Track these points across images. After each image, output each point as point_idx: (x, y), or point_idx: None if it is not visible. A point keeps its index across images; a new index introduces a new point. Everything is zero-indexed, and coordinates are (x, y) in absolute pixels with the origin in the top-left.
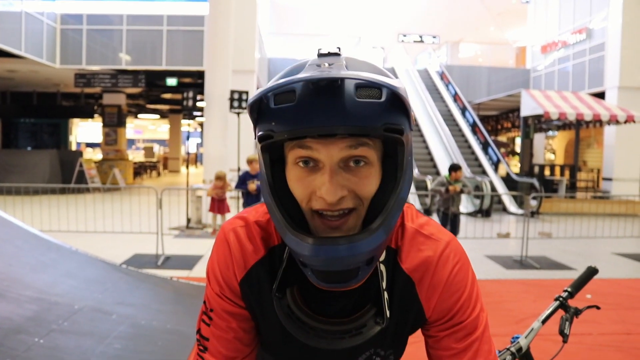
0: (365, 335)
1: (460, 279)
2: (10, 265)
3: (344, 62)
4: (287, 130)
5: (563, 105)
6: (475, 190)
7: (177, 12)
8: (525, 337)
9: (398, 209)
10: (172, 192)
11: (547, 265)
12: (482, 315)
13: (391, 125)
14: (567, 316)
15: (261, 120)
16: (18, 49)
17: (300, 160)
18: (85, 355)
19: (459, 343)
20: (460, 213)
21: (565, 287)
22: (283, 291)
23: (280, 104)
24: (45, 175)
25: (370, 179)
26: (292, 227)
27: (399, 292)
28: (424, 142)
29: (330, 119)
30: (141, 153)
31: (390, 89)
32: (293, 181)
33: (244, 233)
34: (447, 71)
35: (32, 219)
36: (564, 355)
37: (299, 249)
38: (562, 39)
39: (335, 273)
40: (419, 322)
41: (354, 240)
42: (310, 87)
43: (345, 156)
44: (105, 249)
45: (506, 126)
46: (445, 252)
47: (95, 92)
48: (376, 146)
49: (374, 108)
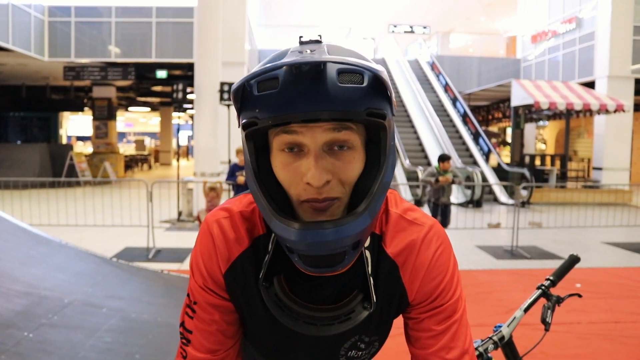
0: (354, 321)
1: (442, 262)
2: None
3: (325, 48)
4: (271, 116)
5: (553, 95)
6: (466, 181)
7: (166, 3)
8: (507, 326)
9: (382, 193)
10: (163, 185)
11: (538, 255)
12: (461, 300)
13: (374, 110)
14: (549, 304)
15: (245, 108)
16: (5, 41)
17: (286, 146)
18: (75, 349)
19: (439, 325)
20: (451, 203)
21: (541, 281)
22: (270, 280)
23: (264, 91)
24: (35, 169)
25: (353, 164)
26: (278, 213)
27: (384, 277)
28: (415, 132)
29: (314, 104)
30: (132, 146)
31: (373, 73)
32: (279, 167)
33: (228, 224)
34: (437, 62)
35: (22, 213)
36: (553, 344)
37: (286, 235)
38: (552, 28)
39: (321, 258)
40: (403, 305)
41: (339, 224)
42: (293, 72)
43: (329, 139)
44: (96, 243)
45: (497, 116)
46: (428, 235)
47: (84, 85)
48: (359, 131)
49: (356, 93)
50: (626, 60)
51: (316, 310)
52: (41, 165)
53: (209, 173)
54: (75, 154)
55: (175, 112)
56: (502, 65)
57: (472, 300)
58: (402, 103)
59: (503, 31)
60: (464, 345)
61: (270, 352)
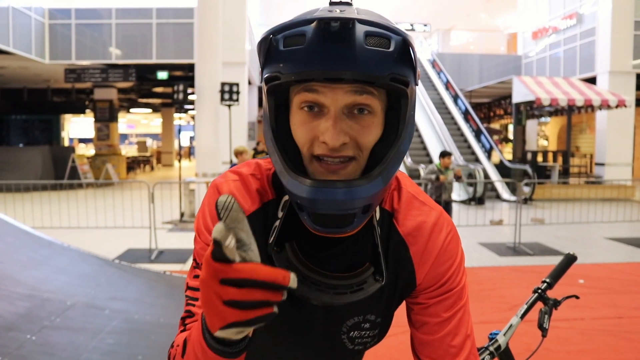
0: (366, 291)
1: (452, 247)
2: (1, 263)
3: (355, 10)
4: (294, 72)
5: (554, 91)
6: (468, 178)
7: (167, 4)
8: (503, 335)
9: (397, 161)
10: (165, 186)
11: (541, 251)
12: (466, 286)
13: (397, 76)
14: (545, 309)
15: (268, 63)
16: (6, 45)
17: (306, 105)
18: (78, 351)
19: (447, 311)
20: (453, 201)
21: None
22: (281, 246)
23: (289, 47)
24: (37, 171)
25: (372, 128)
26: (291, 169)
27: (393, 255)
28: (416, 130)
29: (338, 64)
30: (134, 148)
31: (401, 37)
32: (297, 125)
33: (239, 186)
34: (438, 59)
35: (24, 216)
36: (557, 340)
37: (297, 191)
38: (553, 24)
39: (331, 217)
40: (409, 288)
41: (352, 185)
42: (322, 27)
43: (350, 102)
44: (98, 245)
45: (499, 113)
46: (439, 220)
47: (86, 87)
48: (381, 97)
49: (382, 56)
50: (627, 55)
51: (330, 278)
52: (43, 168)
53: (210, 173)
54: (77, 156)
55: (176, 113)
56: (503, 62)
57: (474, 297)
58: None
59: (504, 28)
60: (467, 331)
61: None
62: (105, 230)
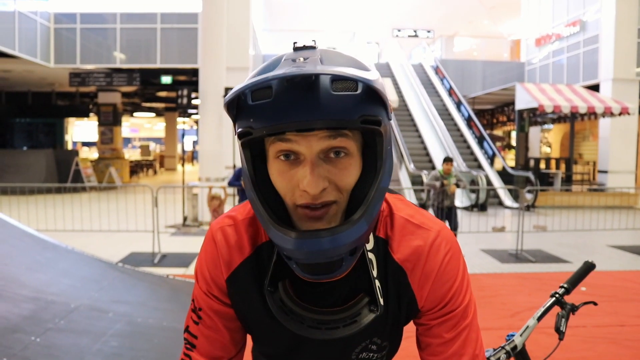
0: (359, 324)
1: (451, 268)
2: (5, 265)
3: (319, 55)
4: (265, 126)
5: (557, 98)
6: (471, 185)
7: (171, 9)
8: (520, 335)
9: (379, 199)
10: (168, 190)
11: (543, 259)
12: (472, 304)
13: (368, 117)
14: (563, 313)
15: (240, 117)
16: (12, 48)
17: (281, 154)
18: (82, 354)
19: (450, 332)
20: (456, 207)
21: (562, 282)
22: (274, 285)
23: (258, 101)
24: (41, 174)
25: (350, 170)
26: (275, 221)
27: (392, 282)
28: (419, 136)
29: (308, 114)
30: (138, 151)
31: (365, 83)
32: (275, 175)
33: (232, 232)
34: (441, 65)
35: (28, 219)
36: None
37: (283, 243)
38: (556, 31)
39: (319, 265)
40: (412, 311)
41: (336, 232)
42: (285, 83)
43: (325, 147)
44: (102, 248)
45: (502, 120)
46: (436, 241)
47: (90, 91)
48: (355, 137)
49: (350, 101)
50: (631, 62)
51: (321, 314)
52: (47, 171)
53: (213, 178)
54: (80, 160)
55: (180, 118)
56: (506, 69)
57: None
58: (407, 107)
59: (507, 34)
60: (474, 351)
61: (279, 357)
62: (109, 234)
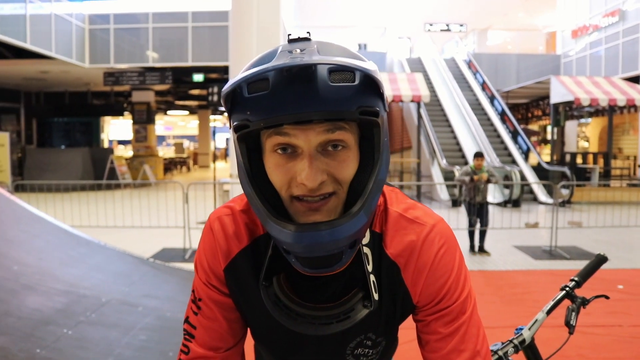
0: (353, 320)
1: (445, 263)
2: (40, 260)
3: (315, 46)
4: (262, 119)
5: (595, 91)
6: (504, 180)
7: (202, 8)
8: (528, 329)
9: (377, 190)
10: (199, 186)
11: (578, 256)
12: (470, 299)
13: (366, 108)
14: (573, 307)
15: (236, 110)
16: (49, 50)
17: (279, 147)
18: (111, 346)
19: (446, 327)
20: (488, 203)
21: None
22: (270, 280)
23: (254, 93)
24: (78, 172)
25: (348, 162)
26: (273, 215)
27: (386, 277)
28: (452, 132)
29: (305, 105)
30: (172, 149)
31: (363, 72)
32: (272, 169)
33: (229, 221)
34: (475, 59)
35: (64, 215)
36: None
37: (281, 237)
38: (594, 22)
39: (318, 258)
40: (408, 308)
41: (335, 225)
42: (283, 74)
43: (323, 140)
44: (135, 244)
45: (537, 114)
46: (429, 236)
47: (124, 90)
48: (352, 129)
49: (348, 92)
50: None
51: (314, 309)
52: (84, 169)
53: None
54: (115, 158)
55: (212, 115)
56: (541, 62)
57: (507, 300)
58: (439, 102)
59: (542, 27)
60: (475, 347)
61: (277, 350)
62: (141, 230)
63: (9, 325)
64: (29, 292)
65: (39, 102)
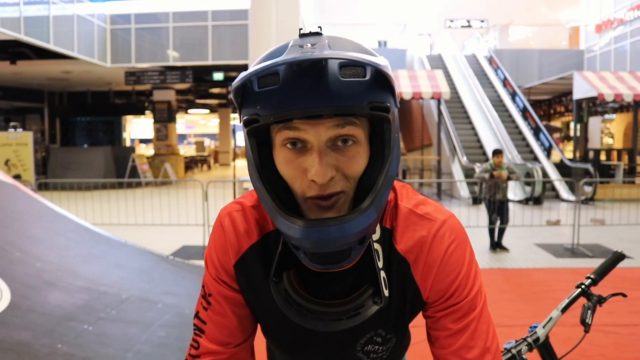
0: (363, 316)
1: (456, 259)
2: (62, 257)
3: (326, 41)
4: (272, 113)
5: (619, 86)
6: (526, 177)
7: (222, 7)
8: (543, 327)
9: (387, 187)
10: (219, 185)
11: (601, 254)
12: (480, 295)
13: (377, 104)
14: (589, 305)
15: (246, 105)
16: (71, 50)
17: (288, 141)
18: (131, 342)
19: (456, 324)
20: (508, 200)
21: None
22: (280, 276)
23: (264, 87)
24: (100, 171)
25: (358, 158)
26: (282, 210)
27: (396, 273)
28: (472, 129)
29: (315, 100)
30: (193, 147)
31: (374, 67)
32: (282, 164)
33: (240, 217)
34: (496, 55)
35: (86, 213)
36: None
37: (290, 232)
38: (619, 16)
39: (327, 254)
40: (418, 304)
41: (344, 221)
42: (294, 68)
43: (333, 136)
44: (155, 241)
45: (559, 110)
46: (440, 232)
47: (145, 89)
48: (363, 125)
49: (358, 87)
50: None
51: (324, 306)
52: (106, 167)
53: None
54: (137, 156)
55: (232, 114)
56: (564, 57)
57: (527, 299)
58: (459, 99)
59: (565, 22)
60: (485, 343)
61: (287, 347)
62: (162, 227)
63: (31, 321)
64: (51, 288)
65: (62, 101)
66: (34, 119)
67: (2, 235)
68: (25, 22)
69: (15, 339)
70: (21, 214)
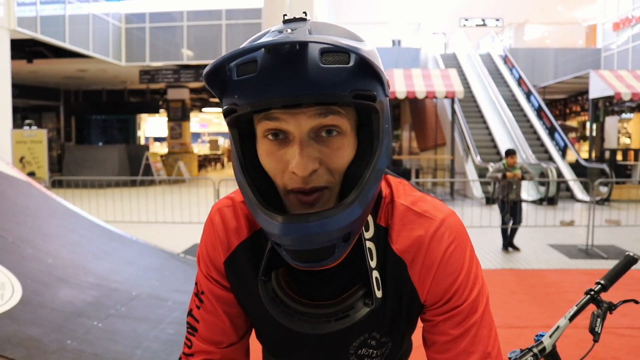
0: (352, 318)
1: (455, 260)
2: (74, 253)
3: (308, 26)
4: (249, 102)
5: (637, 85)
6: (540, 177)
7: (235, 6)
8: (549, 336)
9: (375, 181)
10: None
11: (616, 255)
12: (482, 298)
13: (361, 92)
14: (599, 312)
15: (226, 94)
16: (87, 49)
17: (269, 132)
18: (140, 339)
19: (456, 329)
20: (522, 200)
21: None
22: (269, 274)
23: (242, 75)
24: (114, 169)
25: (343, 150)
26: (262, 205)
27: (392, 274)
28: (486, 128)
29: (294, 88)
30: (207, 146)
31: (357, 54)
32: (264, 156)
33: (230, 213)
34: (511, 54)
35: (98, 210)
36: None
37: (270, 228)
38: (637, 14)
39: (308, 252)
40: (415, 307)
41: (326, 216)
42: (271, 53)
43: (315, 125)
44: (167, 239)
45: (575, 110)
46: (439, 231)
47: (160, 88)
48: (349, 115)
49: (341, 74)
50: None
51: (312, 307)
52: (120, 165)
53: None
54: (151, 154)
55: None
56: (580, 56)
57: (540, 300)
58: (474, 98)
59: (582, 20)
60: (486, 348)
61: (276, 348)
62: (174, 225)
63: (41, 316)
64: (62, 284)
65: (77, 100)
66: (50, 117)
67: (15, 231)
68: (41, 21)
69: (26, 334)
70: (34, 210)
